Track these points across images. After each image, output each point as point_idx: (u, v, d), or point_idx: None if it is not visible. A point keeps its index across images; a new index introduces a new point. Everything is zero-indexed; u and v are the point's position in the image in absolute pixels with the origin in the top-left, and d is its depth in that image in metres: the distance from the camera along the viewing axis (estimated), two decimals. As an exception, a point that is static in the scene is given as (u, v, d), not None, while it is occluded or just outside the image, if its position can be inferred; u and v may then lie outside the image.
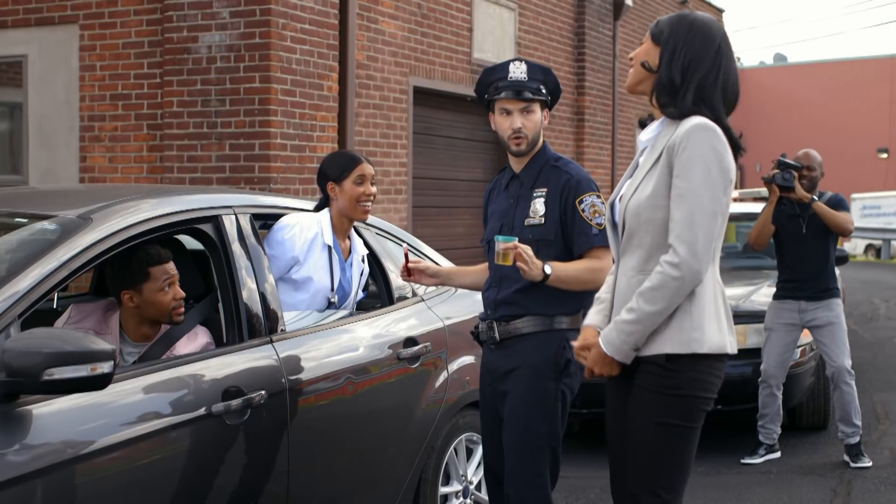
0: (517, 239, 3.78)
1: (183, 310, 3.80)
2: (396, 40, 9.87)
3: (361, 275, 4.44)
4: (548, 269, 3.78)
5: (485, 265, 4.23)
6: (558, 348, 3.88)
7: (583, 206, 3.89)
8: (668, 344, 3.06)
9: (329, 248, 4.26)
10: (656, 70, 3.18)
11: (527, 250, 3.74)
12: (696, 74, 3.14)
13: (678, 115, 3.14)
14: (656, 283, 3.03)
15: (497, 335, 3.94)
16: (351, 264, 4.37)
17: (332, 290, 4.26)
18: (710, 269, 3.09)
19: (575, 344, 3.30)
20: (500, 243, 3.74)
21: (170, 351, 3.72)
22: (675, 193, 3.05)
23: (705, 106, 3.13)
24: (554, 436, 3.90)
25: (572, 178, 3.93)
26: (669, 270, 3.02)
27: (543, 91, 3.97)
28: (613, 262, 3.30)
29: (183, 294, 3.78)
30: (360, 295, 4.48)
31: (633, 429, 3.15)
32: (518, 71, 3.94)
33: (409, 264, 4.15)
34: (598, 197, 3.93)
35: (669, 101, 3.17)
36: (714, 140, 3.06)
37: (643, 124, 3.31)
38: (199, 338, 3.82)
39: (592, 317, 3.32)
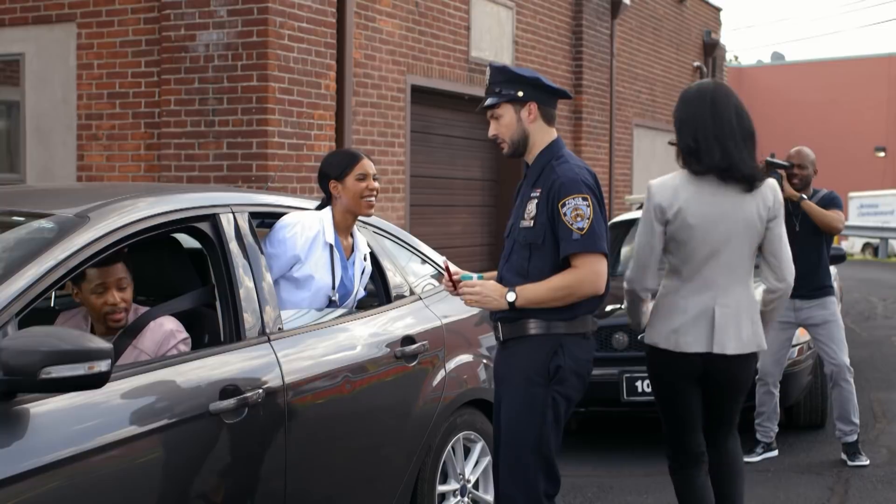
0: (474, 277, 3.84)
1: (120, 316, 3.67)
2: (394, 39, 9.87)
3: (363, 273, 4.43)
4: (510, 297, 3.73)
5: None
6: (549, 354, 3.79)
7: (565, 209, 3.71)
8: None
9: (330, 246, 4.26)
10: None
11: (472, 288, 3.79)
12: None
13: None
14: None
15: (500, 335, 3.91)
16: (353, 262, 4.36)
17: (334, 288, 4.26)
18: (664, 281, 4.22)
19: None
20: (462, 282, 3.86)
21: (133, 342, 3.65)
22: None
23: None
24: (543, 443, 3.79)
25: (558, 180, 3.77)
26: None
27: (509, 91, 3.86)
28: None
29: (118, 300, 3.64)
30: (362, 293, 4.47)
31: None
32: (485, 79, 3.92)
33: (454, 276, 3.93)
34: (585, 199, 3.72)
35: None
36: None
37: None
38: (163, 326, 3.71)
39: None
